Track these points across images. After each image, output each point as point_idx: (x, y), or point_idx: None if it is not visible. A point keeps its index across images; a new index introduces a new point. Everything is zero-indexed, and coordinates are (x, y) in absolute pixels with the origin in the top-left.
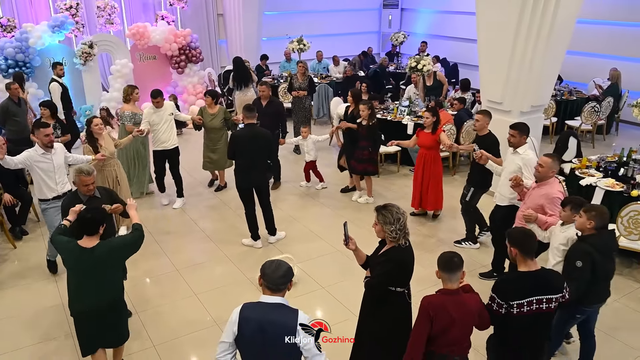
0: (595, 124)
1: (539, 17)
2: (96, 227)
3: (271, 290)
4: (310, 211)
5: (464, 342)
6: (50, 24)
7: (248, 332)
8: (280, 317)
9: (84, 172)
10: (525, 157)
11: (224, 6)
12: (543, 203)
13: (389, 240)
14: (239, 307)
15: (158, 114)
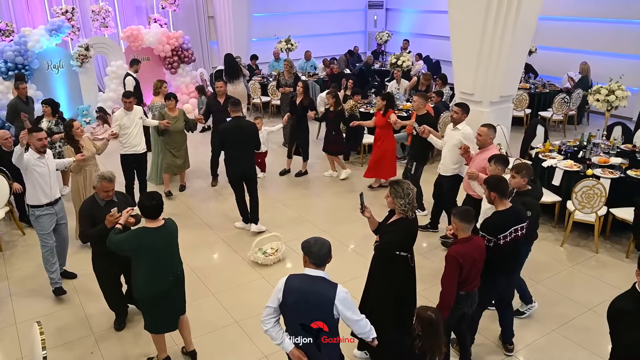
0: (566, 114)
1: (503, 16)
2: (161, 210)
3: (316, 265)
4: (294, 196)
5: (477, 278)
6: (47, 27)
7: (291, 300)
8: (321, 289)
9: (107, 179)
10: (465, 131)
11: (214, 8)
12: (485, 165)
13: (398, 212)
14: (285, 277)
15: (129, 117)
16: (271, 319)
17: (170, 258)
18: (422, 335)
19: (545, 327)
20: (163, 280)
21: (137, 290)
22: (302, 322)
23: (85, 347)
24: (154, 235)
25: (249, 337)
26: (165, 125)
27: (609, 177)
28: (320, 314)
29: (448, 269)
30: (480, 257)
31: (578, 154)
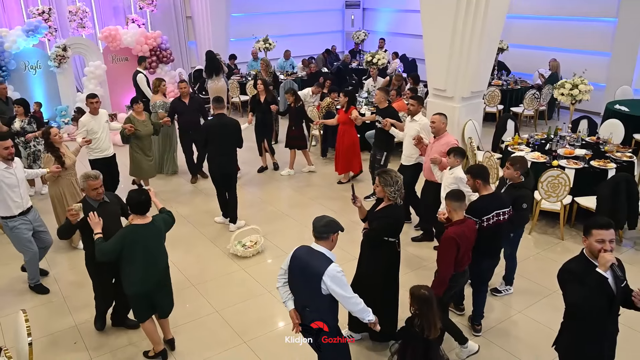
0: (536, 110)
1: (472, 15)
2: (149, 206)
3: (316, 238)
4: (275, 193)
5: (469, 257)
6: (24, 28)
7: (293, 266)
8: (316, 262)
9: (92, 177)
10: (421, 122)
11: (192, 9)
12: (444, 150)
13: (387, 199)
14: (297, 247)
15: (96, 120)
16: (282, 278)
17: (158, 254)
18: (419, 313)
19: (512, 310)
20: (152, 276)
21: (128, 288)
22: (296, 289)
23: (70, 338)
24: (142, 231)
25: (230, 325)
26: (129, 129)
27: (573, 168)
28: (310, 286)
29: (446, 249)
30: (473, 237)
31: (545, 146)
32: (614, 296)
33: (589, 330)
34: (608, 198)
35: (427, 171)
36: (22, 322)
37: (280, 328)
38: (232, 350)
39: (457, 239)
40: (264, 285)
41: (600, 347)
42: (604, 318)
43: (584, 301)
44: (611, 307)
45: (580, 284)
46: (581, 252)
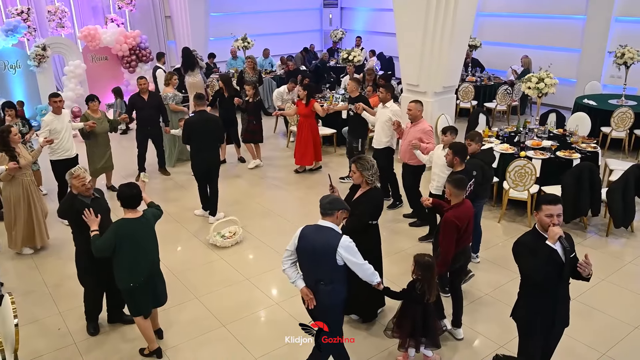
0: (509, 105)
1: (442, 13)
2: (140, 200)
3: (322, 215)
4: (247, 186)
5: (470, 234)
6: (3, 28)
7: (303, 245)
8: (328, 237)
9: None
10: (392, 108)
11: (170, 8)
12: (420, 136)
13: (365, 184)
14: (302, 226)
15: (59, 120)
16: (288, 260)
17: (149, 247)
18: (422, 278)
19: (480, 292)
20: (144, 269)
21: (120, 282)
22: (308, 266)
23: (53, 324)
24: (133, 225)
25: (209, 311)
26: (91, 126)
27: (540, 158)
28: (324, 260)
29: (447, 231)
30: (471, 215)
31: (514, 138)
32: (563, 265)
33: (541, 297)
34: (572, 186)
35: (403, 154)
36: (8, 304)
37: (256, 313)
38: (212, 333)
39: (456, 221)
40: (243, 273)
41: (553, 311)
42: (554, 285)
43: (535, 270)
44: (560, 275)
45: (532, 255)
46: (533, 227)
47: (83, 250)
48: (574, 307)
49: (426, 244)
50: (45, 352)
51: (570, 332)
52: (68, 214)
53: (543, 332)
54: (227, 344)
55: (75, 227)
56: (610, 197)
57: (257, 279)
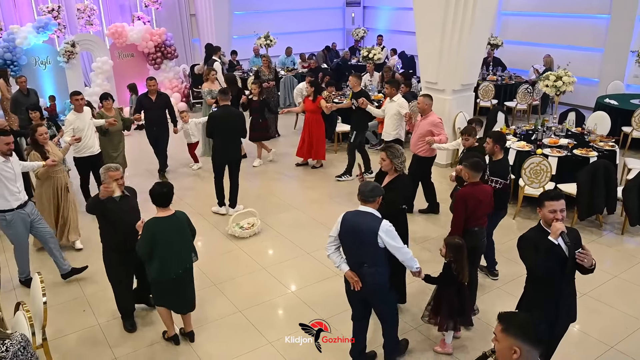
0: (530, 104)
1: (461, 12)
2: (170, 199)
3: (363, 201)
4: (263, 180)
5: (485, 217)
6: (34, 25)
7: (345, 230)
8: (369, 221)
9: (112, 168)
10: (399, 102)
11: (195, 7)
12: (431, 129)
13: (394, 171)
14: (344, 213)
15: (81, 118)
16: (332, 246)
17: (180, 247)
18: (454, 260)
19: (494, 285)
20: (173, 266)
21: (149, 275)
22: (352, 249)
23: (78, 306)
24: (164, 224)
25: (226, 297)
26: (111, 123)
27: (556, 156)
28: (366, 242)
29: (457, 206)
30: (484, 199)
31: (532, 136)
32: (566, 260)
33: (545, 291)
34: (587, 183)
35: (412, 145)
36: (37, 283)
37: (272, 300)
38: (228, 318)
39: (465, 197)
40: (260, 262)
41: (556, 305)
42: (557, 280)
43: (536, 265)
44: (563, 269)
45: (535, 250)
46: (538, 223)
47: (110, 247)
48: (585, 301)
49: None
50: (70, 331)
51: (580, 325)
52: (96, 209)
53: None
54: (243, 328)
55: (103, 224)
56: (625, 196)
57: (273, 268)
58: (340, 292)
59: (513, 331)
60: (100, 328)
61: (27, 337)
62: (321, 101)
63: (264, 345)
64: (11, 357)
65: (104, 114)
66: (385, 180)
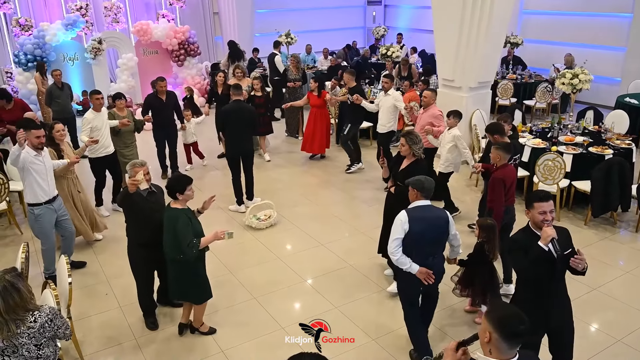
0: (549, 103)
1: (478, 10)
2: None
3: (425, 197)
4: (280, 172)
5: (514, 195)
6: (63, 22)
7: (418, 228)
8: (438, 213)
9: (138, 164)
10: (394, 95)
11: (219, 5)
12: (431, 120)
13: (412, 156)
14: (404, 213)
15: (99, 118)
16: (399, 248)
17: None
18: (486, 240)
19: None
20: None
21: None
22: (423, 243)
23: (101, 290)
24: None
25: (242, 284)
26: (125, 124)
27: (571, 153)
28: (441, 233)
29: (496, 188)
30: (515, 178)
31: (548, 134)
32: (555, 264)
33: (533, 294)
34: (601, 180)
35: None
36: (63, 265)
37: (285, 288)
38: (243, 304)
39: (503, 178)
40: (275, 252)
41: (545, 310)
42: (546, 283)
43: (527, 270)
44: (553, 273)
45: (524, 253)
46: (527, 224)
47: (135, 242)
48: (595, 296)
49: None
50: (93, 313)
51: (588, 318)
52: (125, 201)
53: (536, 328)
54: (256, 313)
55: (130, 218)
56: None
57: (288, 259)
58: (353, 281)
59: (491, 317)
60: (121, 311)
61: (55, 310)
62: (327, 95)
63: (277, 330)
64: (39, 327)
65: (116, 114)
66: (404, 164)
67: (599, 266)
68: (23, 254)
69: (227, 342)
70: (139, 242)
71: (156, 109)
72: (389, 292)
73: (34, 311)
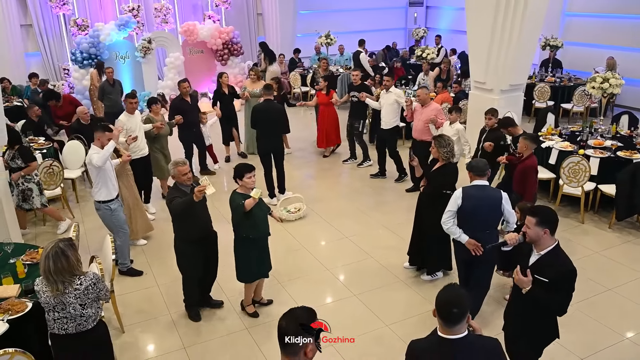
0: (588, 107)
1: (511, 12)
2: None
3: (479, 176)
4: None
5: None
6: (117, 23)
7: (470, 204)
8: (491, 192)
9: (180, 163)
10: (396, 92)
11: (262, 6)
12: (435, 114)
13: (441, 159)
14: (460, 189)
15: (133, 120)
16: (451, 219)
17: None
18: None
19: None
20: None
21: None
22: (477, 218)
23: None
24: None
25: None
26: (159, 127)
27: (598, 157)
28: (493, 210)
29: (530, 174)
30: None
31: (577, 137)
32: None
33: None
34: (626, 183)
35: (417, 132)
36: (108, 243)
37: (308, 275)
38: (269, 289)
39: (534, 167)
40: (301, 242)
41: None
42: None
43: None
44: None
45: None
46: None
47: (181, 238)
48: (610, 296)
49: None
50: (134, 289)
51: (597, 315)
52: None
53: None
54: (280, 295)
55: (179, 218)
56: None
57: (313, 249)
58: (373, 271)
59: (436, 298)
60: (159, 289)
61: (98, 275)
62: (334, 95)
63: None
64: (83, 290)
65: (152, 118)
66: (436, 166)
67: (616, 268)
68: (74, 232)
69: (251, 322)
70: (191, 237)
71: (183, 111)
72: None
73: (80, 276)
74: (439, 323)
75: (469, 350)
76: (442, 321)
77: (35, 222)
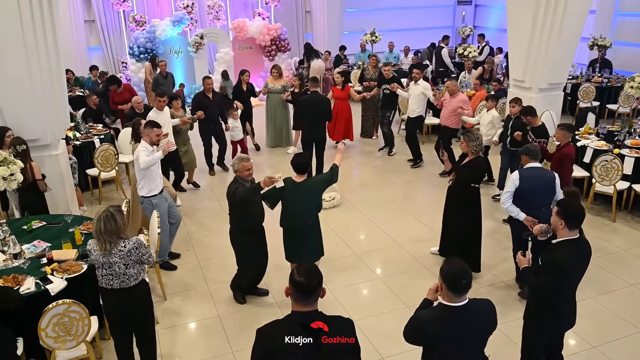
0: (634, 108)
1: (551, 11)
2: (305, 168)
3: (533, 158)
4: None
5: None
6: (172, 19)
7: (527, 185)
8: (545, 173)
9: (245, 159)
10: (423, 84)
11: (311, 4)
12: (461, 105)
13: (471, 153)
14: (517, 171)
15: (161, 117)
16: (509, 199)
17: (301, 206)
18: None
19: None
20: (293, 220)
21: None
22: (535, 196)
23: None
24: (293, 185)
25: None
26: (185, 121)
27: (632, 156)
28: (549, 190)
29: (565, 163)
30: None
31: (615, 137)
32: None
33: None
34: None
35: (444, 119)
36: (154, 218)
37: (337, 259)
38: None
39: (571, 155)
40: (333, 228)
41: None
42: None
43: None
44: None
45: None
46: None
47: (237, 230)
48: (632, 291)
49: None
50: (176, 262)
51: (615, 309)
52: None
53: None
54: None
55: (237, 208)
56: None
57: (344, 235)
58: (399, 258)
59: (441, 271)
60: (199, 264)
61: (141, 241)
62: (350, 90)
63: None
64: (127, 252)
65: (174, 113)
66: (466, 160)
67: None
68: (125, 207)
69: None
70: (246, 228)
71: (204, 106)
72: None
73: (125, 239)
74: (445, 294)
75: (471, 313)
76: (451, 292)
77: (92, 200)
